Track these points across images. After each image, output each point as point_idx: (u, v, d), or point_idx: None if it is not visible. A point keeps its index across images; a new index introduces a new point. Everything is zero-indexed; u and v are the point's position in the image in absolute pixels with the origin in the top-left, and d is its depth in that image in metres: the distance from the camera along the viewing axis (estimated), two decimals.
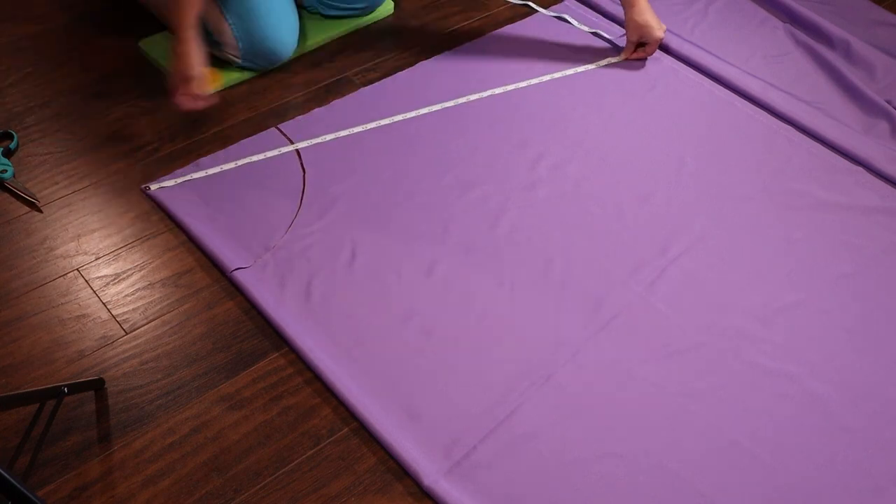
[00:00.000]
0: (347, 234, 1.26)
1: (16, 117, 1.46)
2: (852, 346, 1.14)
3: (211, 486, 1.00)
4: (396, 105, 1.48)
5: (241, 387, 1.09)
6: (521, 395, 1.07)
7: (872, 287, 1.21)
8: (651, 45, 1.56)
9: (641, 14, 1.53)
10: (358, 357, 1.11)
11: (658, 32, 1.55)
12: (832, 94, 1.53)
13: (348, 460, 1.02)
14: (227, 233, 1.26)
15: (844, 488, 0.99)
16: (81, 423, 1.05)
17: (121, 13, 1.68)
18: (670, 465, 1.01)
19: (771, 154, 1.41)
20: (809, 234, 1.29)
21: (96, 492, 0.99)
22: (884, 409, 1.07)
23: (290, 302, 1.17)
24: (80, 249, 1.25)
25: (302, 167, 1.37)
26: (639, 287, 1.20)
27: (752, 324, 1.16)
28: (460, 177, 1.35)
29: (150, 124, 1.45)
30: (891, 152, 1.40)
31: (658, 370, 1.11)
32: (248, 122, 1.46)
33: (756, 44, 1.65)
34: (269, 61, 1.52)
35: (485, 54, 1.60)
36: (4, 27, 1.64)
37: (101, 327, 1.15)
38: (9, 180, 1.33)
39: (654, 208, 1.32)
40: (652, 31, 1.54)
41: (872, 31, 1.67)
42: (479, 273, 1.22)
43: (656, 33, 1.55)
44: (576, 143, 1.42)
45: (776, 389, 1.09)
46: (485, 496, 0.98)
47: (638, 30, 1.54)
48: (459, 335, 1.14)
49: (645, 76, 1.56)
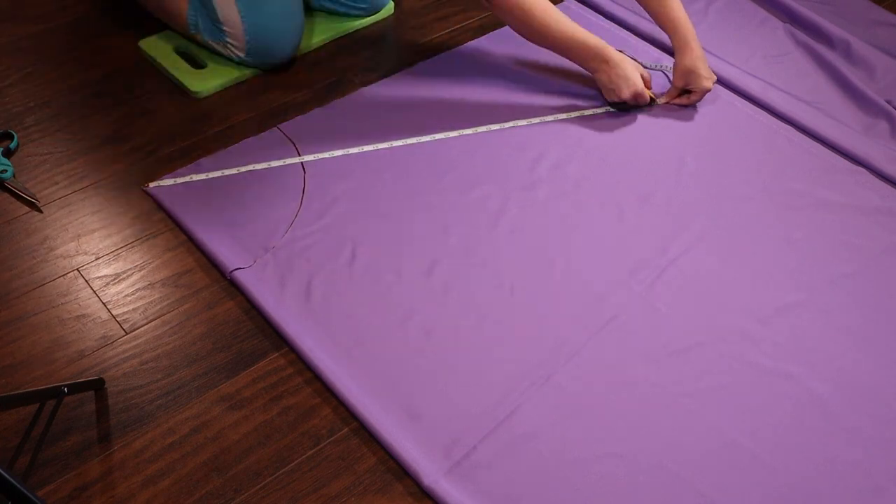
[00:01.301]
0: (347, 234, 1.26)
1: (16, 117, 1.46)
2: (852, 346, 1.14)
3: (211, 486, 1.00)
4: (395, 105, 1.48)
5: (241, 387, 1.09)
6: (521, 395, 1.07)
7: (872, 287, 1.21)
8: (696, 94, 1.47)
9: (691, 59, 1.43)
10: (358, 357, 1.11)
11: (706, 83, 1.45)
12: (832, 94, 1.53)
13: (348, 460, 1.02)
14: (227, 233, 1.26)
15: (844, 488, 0.99)
16: (81, 423, 1.05)
17: (121, 13, 1.68)
18: (670, 465, 1.01)
19: (771, 154, 1.41)
20: (809, 234, 1.29)
21: (96, 492, 0.99)
22: (884, 409, 1.07)
23: (290, 302, 1.17)
24: (80, 249, 1.25)
25: (302, 167, 1.37)
26: (639, 287, 1.20)
27: (752, 324, 1.16)
28: (460, 177, 1.35)
29: (150, 124, 1.45)
30: (891, 152, 1.40)
31: (658, 370, 1.11)
32: (248, 122, 1.46)
33: (756, 44, 1.65)
34: (274, 57, 1.52)
35: (485, 55, 1.60)
36: (4, 27, 1.64)
37: (101, 327, 1.15)
38: (9, 180, 1.33)
39: (654, 208, 1.32)
40: (700, 80, 1.44)
41: (872, 31, 1.67)
42: (479, 273, 1.22)
43: (704, 83, 1.45)
44: (576, 143, 1.42)
45: (776, 389, 1.09)
46: (485, 496, 0.98)
47: (685, 76, 1.45)
48: (459, 335, 1.14)
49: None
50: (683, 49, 1.43)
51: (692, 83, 1.45)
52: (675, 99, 1.49)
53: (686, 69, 1.44)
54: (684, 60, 1.43)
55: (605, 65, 1.42)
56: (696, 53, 1.43)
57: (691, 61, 1.43)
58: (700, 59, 1.43)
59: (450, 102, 1.50)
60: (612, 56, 1.42)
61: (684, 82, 1.46)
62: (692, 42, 1.43)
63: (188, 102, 1.50)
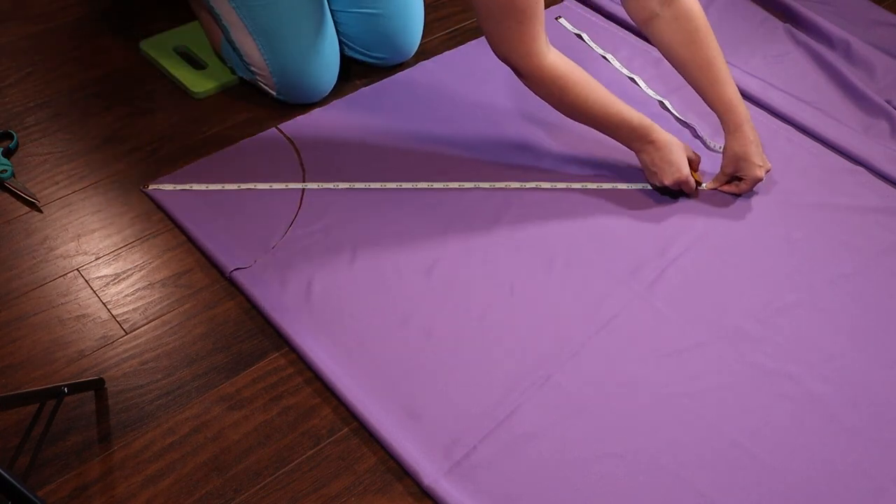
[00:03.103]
0: (347, 234, 1.26)
1: (16, 117, 1.46)
2: (852, 346, 1.14)
3: (211, 486, 1.00)
4: (396, 106, 1.48)
5: (241, 387, 1.09)
6: (521, 394, 1.07)
7: (872, 287, 1.21)
8: (747, 182, 1.30)
9: (742, 144, 1.27)
10: (358, 357, 1.11)
11: (758, 171, 1.28)
12: (832, 94, 1.53)
13: (348, 460, 1.02)
14: (227, 233, 1.25)
15: (844, 488, 0.99)
16: (81, 423, 1.05)
17: (121, 13, 1.68)
18: (670, 465, 1.01)
19: (771, 154, 1.41)
20: (809, 234, 1.29)
21: (96, 492, 0.99)
22: (884, 409, 1.07)
23: (290, 302, 1.17)
24: (80, 249, 1.25)
25: (302, 167, 1.37)
26: (639, 287, 1.20)
27: (752, 324, 1.16)
28: (460, 176, 1.35)
29: (150, 124, 1.45)
30: (891, 152, 1.40)
31: (658, 370, 1.11)
32: (248, 123, 1.46)
33: (756, 44, 1.65)
34: (307, 97, 1.47)
35: (486, 55, 1.60)
36: (4, 27, 1.64)
37: (101, 327, 1.15)
38: (9, 180, 1.33)
39: (655, 208, 1.32)
40: (752, 168, 1.28)
41: (872, 31, 1.67)
42: (479, 273, 1.22)
43: (756, 172, 1.28)
44: (577, 143, 1.42)
45: (776, 389, 1.09)
46: (485, 496, 0.98)
47: (735, 162, 1.29)
48: (459, 335, 1.14)
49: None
50: (735, 133, 1.27)
51: (742, 170, 1.29)
52: (723, 186, 1.33)
53: (736, 155, 1.28)
54: (735, 146, 1.28)
55: (651, 146, 1.28)
56: (748, 138, 1.27)
57: (742, 147, 1.27)
58: (752, 145, 1.27)
59: (450, 107, 1.49)
60: (658, 137, 1.27)
61: (734, 169, 1.30)
62: (745, 125, 1.27)
63: (188, 102, 1.50)
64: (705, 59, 1.28)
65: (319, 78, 1.45)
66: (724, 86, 1.28)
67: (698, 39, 1.28)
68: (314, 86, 1.46)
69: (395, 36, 1.52)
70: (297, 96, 1.46)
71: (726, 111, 1.28)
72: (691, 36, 1.28)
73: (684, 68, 1.31)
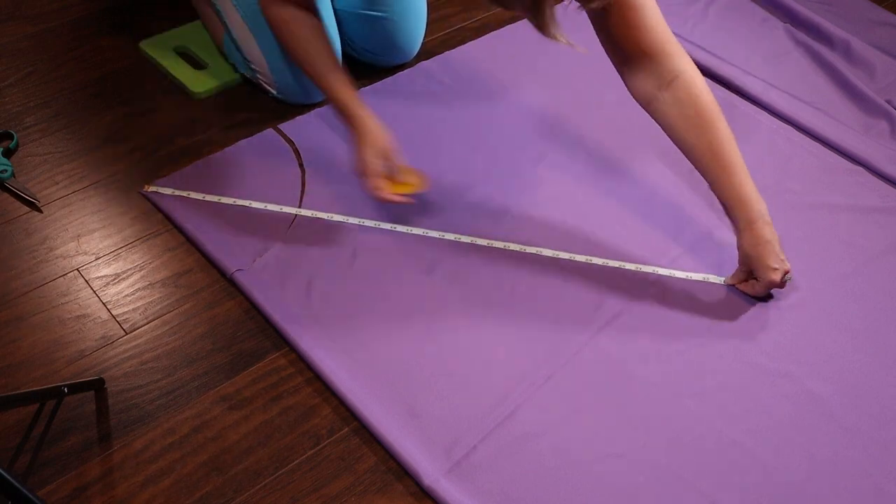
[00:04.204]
0: (347, 234, 1.26)
1: (16, 117, 1.46)
2: (852, 346, 1.14)
3: (211, 486, 1.00)
4: (396, 106, 1.48)
5: (241, 387, 1.09)
6: (521, 395, 1.07)
7: (872, 287, 1.21)
8: (760, 284, 1.16)
9: (754, 245, 1.14)
10: (358, 357, 1.11)
11: (772, 275, 1.13)
12: (832, 94, 1.53)
13: (348, 460, 1.02)
14: (227, 233, 1.25)
15: (844, 488, 0.99)
16: (81, 423, 1.05)
17: (121, 13, 1.68)
18: (670, 465, 1.01)
19: (771, 154, 1.41)
20: (809, 234, 1.29)
21: (96, 492, 0.99)
22: (884, 409, 1.07)
23: (290, 302, 1.17)
24: (80, 249, 1.25)
25: (301, 167, 1.37)
26: (639, 287, 1.20)
27: (751, 324, 1.16)
28: (460, 176, 1.35)
29: (150, 124, 1.45)
30: (891, 152, 1.40)
31: (658, 370, 1.11)
32: (247, 123, 1.46)
33: (756, 44, 1.65)
34: (307, 97, 1.46)
35: (487, 56, 1.60)
36: (4, 27, 1.64)
37: (101, 327, 1.15)
38: (9, 180, 1.33)
39: (656, 208, 1.32)
40: (765, 270, 1.14)
41: (872, 31, 1.67)
42: (479, 273, 1.22)
43: (770, 275, 1.13)
44: (577, 143, 1.42)
45: (776, 389, 1.09)
46: (485, 496, 0.98)
47: (748, 262, 1.16)
48: (459, 335, 1.14)
49: None
50: (745, 231, 1.14)
51: (756, 271, 1.16)
52: (740, 284, 1.20)
53: (746, 255, 1.16)
54: (746, 246, 1.15)
55: (351, 128, 1.23)
56: (760, 237, 1.13)
57: (754, 248, 1.14)
58: (765, 245, 1.13)
59: (450, 107, 1.49)
60: (357, 121, 1.22)
61: (747, 268, 1.17)
62: (757, 223, 1.13)
63: (188, 102, 1.49)
64: (709, 144, 1.15)
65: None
66: (733, 175, 1.14)
67: (702, 124, 1.15)
68: (314, 86, 1.45)
69: (400, 38, 1.52)
70: (296, 96, 1.46)
71: (736, 205, 1.14)
72: (694, 120, 1.15)
73: (691, 154, 1.18)
